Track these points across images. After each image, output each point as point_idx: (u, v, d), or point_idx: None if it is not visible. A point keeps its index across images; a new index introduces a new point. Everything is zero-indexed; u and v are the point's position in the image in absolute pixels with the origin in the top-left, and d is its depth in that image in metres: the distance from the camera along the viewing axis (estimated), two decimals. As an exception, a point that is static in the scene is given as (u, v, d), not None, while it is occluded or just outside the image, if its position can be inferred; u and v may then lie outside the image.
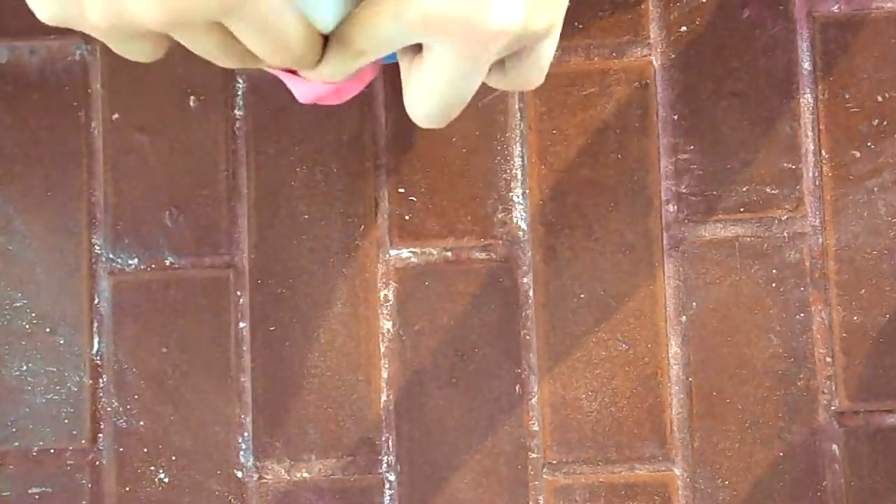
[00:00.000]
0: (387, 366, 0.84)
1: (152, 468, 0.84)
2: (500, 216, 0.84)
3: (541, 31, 0.31)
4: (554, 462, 0.83)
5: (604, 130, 0.84)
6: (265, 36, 0.30)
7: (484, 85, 0.79)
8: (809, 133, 0.84)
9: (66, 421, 0.85)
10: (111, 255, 0.86)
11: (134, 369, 0.85)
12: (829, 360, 0.82)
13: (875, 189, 0.83)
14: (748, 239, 0.83)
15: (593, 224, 0.84)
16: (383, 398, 0.84)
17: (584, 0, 0.84)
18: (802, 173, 0.83)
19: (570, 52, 0.84)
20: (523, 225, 0.84)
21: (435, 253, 0.85)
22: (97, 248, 0.86)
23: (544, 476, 0.83)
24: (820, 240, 0.83)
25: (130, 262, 0.85)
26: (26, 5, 0.31)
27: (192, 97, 0.86)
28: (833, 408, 0.82)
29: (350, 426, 0.84)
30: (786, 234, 0.83)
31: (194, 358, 0.85)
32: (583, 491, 0.83)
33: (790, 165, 0.83)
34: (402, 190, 0.85)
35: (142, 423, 0.85)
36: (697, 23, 0.85)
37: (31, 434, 0.85)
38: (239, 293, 0.85)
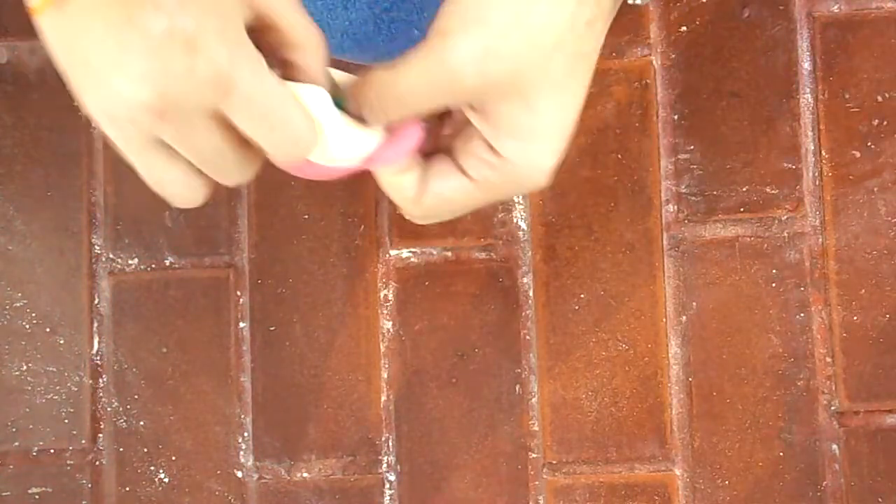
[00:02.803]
0: (387, 366, 0.84)
1: (152, 468, 0.84)
2: (500, 216, 0.84)
3: None
4: (554, 462, 0.83)
5: (604, 130, 0.84)
6: (266, 117, 0.30)
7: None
8: (809, 133, 0.84)
9: (66, 421, 0.85)
10: (111, 255, 0.86)
11: (134, 369, 0.85)
12: (829, 360, 0.82)
13: (875, 189, 0.83)
14: (748, 239, 0.83)
15: (593, 224, 0.84)
16: (383, 398, 0.84)
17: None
18: (802, 173, 0.83)
19: (570, 52, 0.84)
20: (523, 225, 0.84)
21: (435, 253, 0.85)
22: (97, 248, 0.86)
23: (544, 476, 0.83)
24: (820, 240, 0.83)
25: (130, 262, 0.85)
26: (26, 5, 0.31)
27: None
28: (833, 408, 0.82)
29: (350, 426, 0.84)
30: (786, 234, 0.83)
31: (194, 358, 0.85)
32: (583, 491, 0.83)
33: (790, 165, 0.83)
34: (402, 190, 0.85)
35: (142, 423, 0.85)
36: (697, 23, 0.85)
37: (31, 434, 0.85)
38: (239, 293, 0.85)
